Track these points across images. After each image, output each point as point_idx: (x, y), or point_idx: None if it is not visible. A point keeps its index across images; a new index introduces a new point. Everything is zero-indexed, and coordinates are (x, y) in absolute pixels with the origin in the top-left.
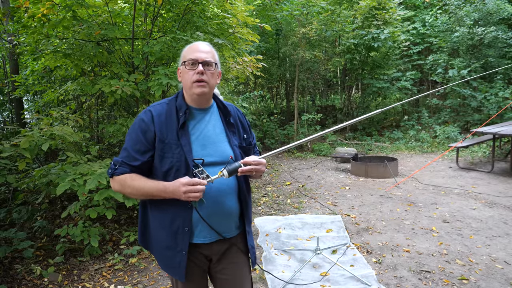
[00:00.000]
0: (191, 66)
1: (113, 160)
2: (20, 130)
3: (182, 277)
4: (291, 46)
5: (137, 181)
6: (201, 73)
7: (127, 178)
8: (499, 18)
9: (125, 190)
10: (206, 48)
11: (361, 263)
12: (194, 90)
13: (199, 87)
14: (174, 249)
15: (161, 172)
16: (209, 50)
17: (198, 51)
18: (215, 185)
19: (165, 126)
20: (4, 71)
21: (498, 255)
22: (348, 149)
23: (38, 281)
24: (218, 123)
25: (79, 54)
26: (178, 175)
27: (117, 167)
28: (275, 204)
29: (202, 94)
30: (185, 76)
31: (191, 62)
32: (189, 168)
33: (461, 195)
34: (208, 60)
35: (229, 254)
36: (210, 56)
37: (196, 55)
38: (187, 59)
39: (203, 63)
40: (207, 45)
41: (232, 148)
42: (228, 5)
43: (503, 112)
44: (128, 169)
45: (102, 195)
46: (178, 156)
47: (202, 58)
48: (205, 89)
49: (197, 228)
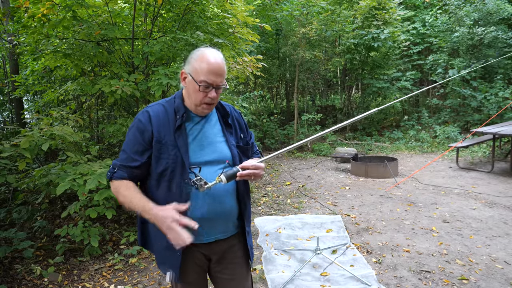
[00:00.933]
0: (204, 88)
1: (112, 163)
2: (20, 130)
3: (177, 277)
4: (291, 46)
5: (129, 191)
6: (213, 98)
7: (122, 186)
8: (499, 18)
9: (118, 197)
10: (222, 69)
11: (361, 263)
12: (202, 110)
13: (207, 109)
14: (170, 249)
15: (156, 173)
16: (224, 70)
17: (214, 73)
18: (214, 186)
19: (162, 126)
20: (4, 71)
21: (498, 255)
22: (348, 149)
23: (38, 281)
24: (215, 123)
25: (79, 54)
26: (173, 176)
27: (116, 170)
28: (275, 204)
29: (208, 113)
30: (195, 94)
31: (205, 86)
32: (185, 169)
33: (461, 195)
34: (222, 85)
35: (229, 255)
36: (223, 78)
37: (212, 79)
38: (201, 79)
39: (216, 87)
40: (221, 61)
41: (229, 147)
42: (228, 5)
43: (503, 112)
44: (126, 173)
45: (102, 195)
46: (174, 157)
47: (217, 83)
48: (211, 110)
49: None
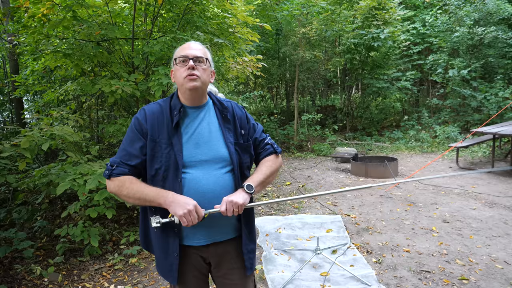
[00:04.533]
0: (182, 63)
1: (109, 161)
2: (20, 130)
3: (175, 280)
4: (291, 46)
5: (136, 184)
6: (192, 68)
7: (126, 180)
8: (499, 18)
9: (122, 192)
10: (198, 46)
11: (361, 263)
12: (186, 85)
13: (191, 81)
14: (167, 251)
15: (150, 174)
16: (200, 48)
17: (188, 48)
18: (210, 187)
19: (157, 124)
20: (4, 71)
21: (498, 255)
22: (348, 149)
23: (38, 281)
24: (213, 120)
25: (79, 54)
26: (166, 174)
27: (115, 167)
28: (275, 204)
29: (194, 88)
30: (177, 74)
31: (182, 59)
32: (178, 168)
33: (461, 195)
34: (199, 56)
35: (229, 259)
36: (201, 53)
37: (186, 52)
38: (178, 56)
39: (194, 58)
40: (198, 44)
41: (227, 146)
42: (228, 5)
43: (503, 112)
44: (127, 169)
45: (102, 195)
46: (167, 155)
47: (193, 54)
48: (197, 83)
49: (186, 229)
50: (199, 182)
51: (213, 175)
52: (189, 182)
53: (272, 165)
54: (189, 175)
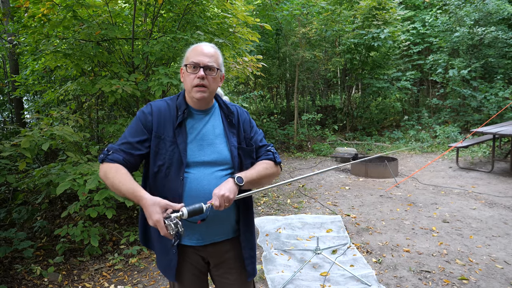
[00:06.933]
0: (192, 69)
1: (107, 146)
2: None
3: (173, 277)
4: (291, 46)
5: (119, 175)
6: (202, 78)
7: (113, 168)
8: (499, 18)
9: (106, 180)
10: (210, 51)
11: (361, 263)
12: (193, 95)
13: (199, 92)
14: (166, 247)
15: (153, 170)
16: (213, 53)
17: (201, 54)
18: (211, 188)
19: (163, 121)
20: (4, 71)
21: (498, 255)
22: (348, 149)
23: (38, 281)
24: (218, 123)
25: (79, 54)
26: (169, 172)
27: (111, 153)
28: (275, 204)
29: (202, 99)
30: (187, 79)
31: (192, 66)
32: (181, 166)
33: (461, 195)
34: (211, 65)
35: (228, 259)
36: (213, 61)
37: (198, 59)
38: (189, 61)
39: (204, 67)
40: (211, 47)
41: (230, 149)
42: (228, 5)
43: (503, 112)
44: (121, 157)
45: (102, 195)
46: (171, 153)
47: (204, 63)
48: (204, 94)
49: (184, 229)
50: (200, 182)
51: (215, 176)
52: (191, 181)
53: (268, 168)
54: (191, 174)
